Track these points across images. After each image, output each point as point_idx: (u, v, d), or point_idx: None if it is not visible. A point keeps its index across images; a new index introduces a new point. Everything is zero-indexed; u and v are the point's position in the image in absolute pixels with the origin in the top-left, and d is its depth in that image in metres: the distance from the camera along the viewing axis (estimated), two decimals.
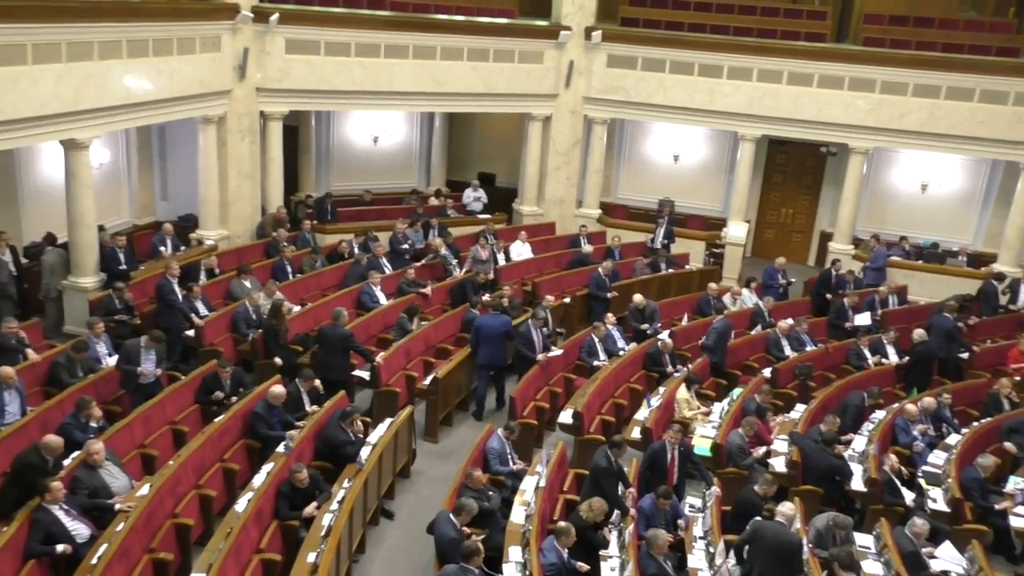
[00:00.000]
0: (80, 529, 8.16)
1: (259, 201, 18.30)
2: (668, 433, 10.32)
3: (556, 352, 13.34)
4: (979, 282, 18.13)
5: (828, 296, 17.11)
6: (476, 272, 16.45)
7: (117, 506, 8.66)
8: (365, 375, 12.65)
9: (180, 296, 13.39)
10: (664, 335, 14.62)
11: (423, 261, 17.07)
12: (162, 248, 15.78)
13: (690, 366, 13.80)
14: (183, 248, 16.29)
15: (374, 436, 10.66)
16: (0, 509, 8.29)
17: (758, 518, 9.21)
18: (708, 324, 14.90)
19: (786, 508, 9.00)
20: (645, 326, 15.18)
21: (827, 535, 9.38)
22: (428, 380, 12.66)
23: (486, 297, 15.38)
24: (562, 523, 8.82)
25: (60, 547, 7.90)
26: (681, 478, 10.39)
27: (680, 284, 18.18)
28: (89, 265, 14.35)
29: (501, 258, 18.14)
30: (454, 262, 17.41)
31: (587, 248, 18.74)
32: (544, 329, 13.56)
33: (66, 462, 9.05)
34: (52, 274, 14.28)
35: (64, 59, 12.87)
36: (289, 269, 15.87)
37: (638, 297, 15.51)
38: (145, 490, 8.84)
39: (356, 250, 17.20)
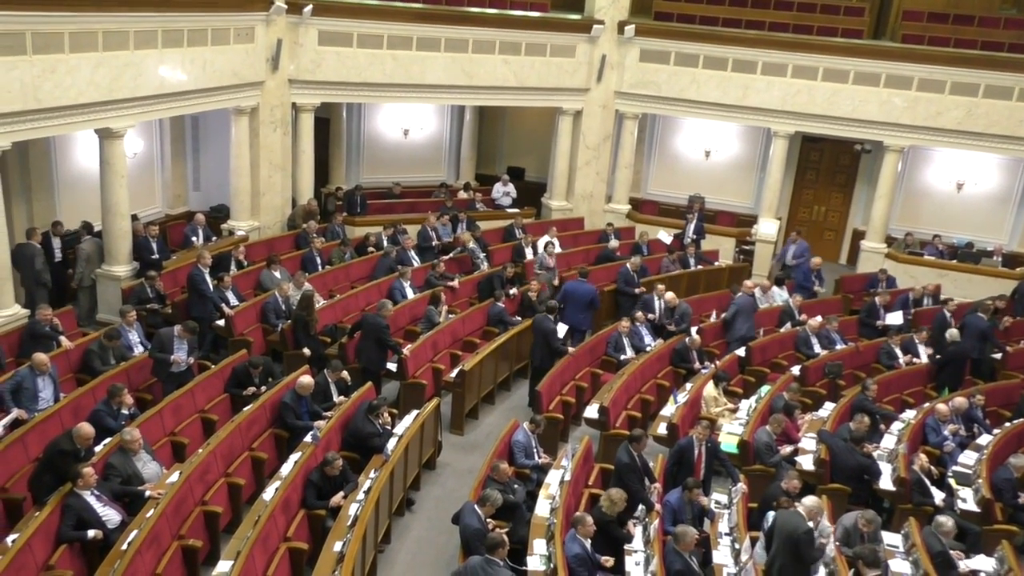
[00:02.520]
0: (111, 515, 8.27)
1: (290, 193, 18.29)
2: (696, 429, 10.33)
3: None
4: (1014, 282, 18.04)
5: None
6: (505, 267, 15.96)
7: (147, 493, 8.72)
8: (392, 367, 12.68)
9: (211, 286, 13.48)
10: (692, 331, 14.57)
11: (451, 255, 17.12)
12: (194, 238, 15.85)
13: (718, 363, 13.83)
14: (214, 238, 16.38)
15: (400, 428, 10.66)
16: (34, 495, 8.47)
17: (771, 513, 9.16)
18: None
19: (809, 501, 8.96)
20: (671, 327, 14.81)
21: (854, 533, 9.32)
22: (455, 373, 12.72)
23: (513, 291, 15.33)
24: (578, 513, 8.85)
25: (91, 532, 7.99)
26: (708, 474, 10.37)
27: (709, 281, 18.04)
28: (122, 254, 14.40)
29: (529, 252, 18.01)
30: (482, 256, 17.40)
31: (614, 243, 18.50)
32: None
33: (97, 448, 9.14)
34: (88, 263, 14.31)
35: (100, 48, 12.92)
36: (319, 260, 15.93)
37: (670, 295, 15.20)
38: (175, 477, 8.90)
39: (385, 243, 17.23)
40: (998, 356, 15.20)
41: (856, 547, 8.97)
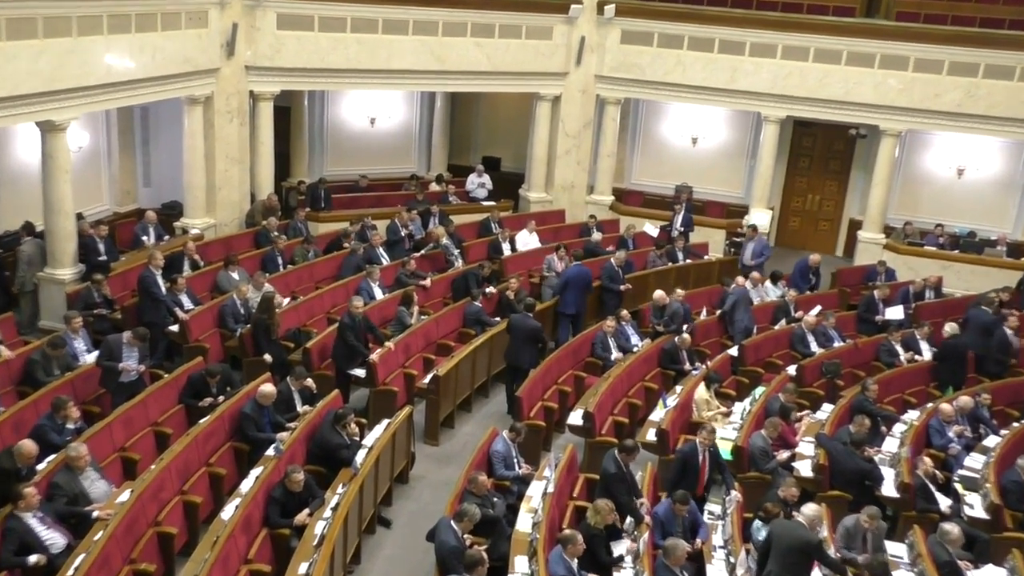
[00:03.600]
0: (55, 538, 8.09)
1: (248, 187, 18.05)
2: (701, 434, 10.31)
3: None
4: (1019, 273, 17.78)
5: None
6: (481, 265, 16.05)
7: (95, 514, 8.53)
8: (360, 373, 12.53)
9: (164, 289, 13.24)
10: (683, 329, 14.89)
11: (423, 251, 16.99)
12: (144, 237, 15.58)
13: (709, 363, 13.66)
14: (167, 237, 16.07)
15: (370, 438, 10.54)
16: None
17: (757, 522, 9.24)
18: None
19: (808, 509, 8.91)
20: (660, 327, 14.64)
21: (856, 534, 9.29)
22: (428, 378, 12.58)
23: (490, 289, 15.31)
24: (568, 531, 8.70)
25: (34, 558, 7.79)
26: (708, 482, 10.30)
27: (699, 275, 17.94)
28: (67, 255, 14.13)
29: (507, 248, 17.88)
30: (456, 252, 17.23)
31: (597, 236, 18.42)
32: None
33: (40, 466, 8.89)
34: (29, 266, 14.06)
35: (40, 35, 12.70)
36: (280, 260, 15.71)
37: (659, 293, 15.13)
38: (126, 496, 8.69)
39: (352, 239, 17.08)
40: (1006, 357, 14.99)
41: (862, 557, 8.91)
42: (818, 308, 15.68)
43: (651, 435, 11.52)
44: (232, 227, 17.78)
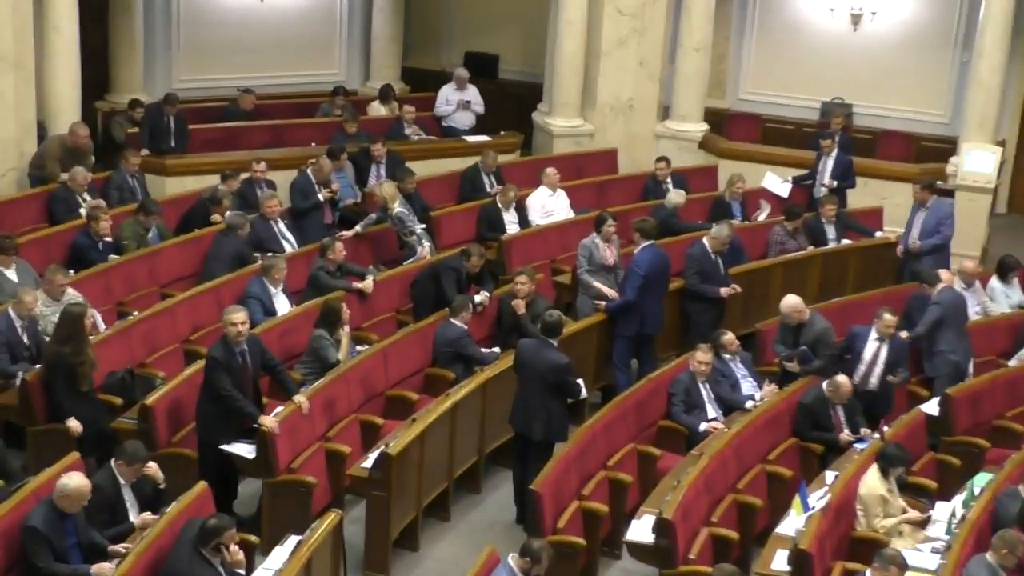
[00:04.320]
0: None
1: (33, 112, 17.50)
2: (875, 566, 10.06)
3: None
4: None
5: None
6: (466, 252, 15.54)
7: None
8: (244, 450, 11.86)
9: None
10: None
11: (358, 227, 16.47)
12: None
13: (886, 429, 12.80)
14: None
15: (265, 572, 10.27)
16: None
17: None
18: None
19: None
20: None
21: None
22: (371, 460, 11.90)
23: (481, 297, 14.94)
24: None
25: None
26: None
27: (866, 267, 17.47)
28: None
29: (511, 219, 17.21)
30: (419, 230, 16.24)
31: (675, 198, 17.58)
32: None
33: None
34: None
35: None
36: (97, 245, 15.18)
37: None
38: None
39: (227, 207, 16.31)
40: None
41: None
42: None
43: (780, 562, 10.97)
44: (4, 185, 17.16)
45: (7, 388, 12.59)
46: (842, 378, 13.19)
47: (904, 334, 14.82)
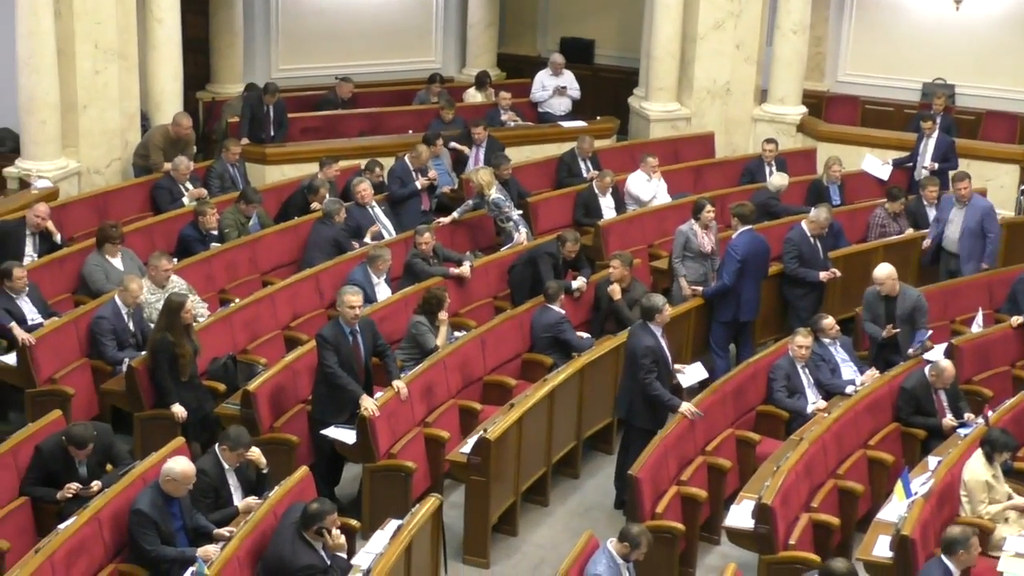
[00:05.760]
0: None
1: (137, 103, 17.91)
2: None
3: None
4: None
5: None
6: (561, 238, 15.52)
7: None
8: (345, 435, 11.98)
9: None
10: (937, 353, 13.52)
11: (455, 213, 16.63)
12: None
13: (991, 413, 12.57)
14: None
15: (366, 556, 10.30)
16: None
17: None
18: None
19: None
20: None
21: None
22: (469, 445, 12.04)
23: (578, 282, 15.04)
24: None
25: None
26: None
27: None
28: None
29: (607, 204, 17.29)
30: (515, 216, 16.28)
31: (778, 181, 17.53)
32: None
33: None
34: None
35: None
36: (203, 239, 15.31)
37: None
38: None
39: (324, 194, 16.50)
40: None
41: None
42: None
43: (882, 549, 10.94)
44: (109, 175, 17.53)
45: (114, 375, 12.75)
46: (946, 362, 12.92)
47: (1016, 320, 14.94)
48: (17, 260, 13.80)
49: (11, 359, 12.97)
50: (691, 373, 13.56)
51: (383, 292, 14.36)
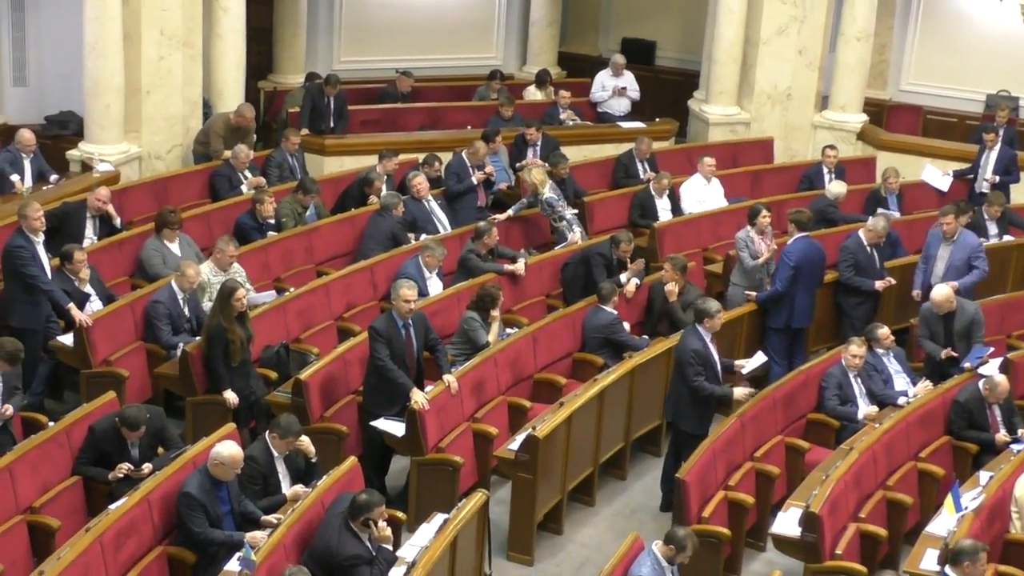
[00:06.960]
0: None
1: (199, 91, 17.98)
2: None
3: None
4: None
5: None
6: (615, 239, 15.44)
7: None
8: (394, 428, 12.08)
9: (48, 269, 13.13)
10: (992, 368, 13.33)
11: (510, 211, 16.63)
12: (15, 177, 15.77)
13: None
14: (55, 178, 16.36)
15: (412, 548, 10.35)
16: None
17: None
18: None
19: None
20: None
21: None
22: (518, 442, 12.09)
23: (632, 284, 15.03)
24: None
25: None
26: None
27: None
28: None
29: (664, 206, 17.22)
30: (570, 215, 16.31)
31: (837, 189, 17.41)
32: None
33: None
34: None
35: None
36: (260, 228, 15.46)
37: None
38: None
39: (382, 188, 16.49)
40: None
41: None
42: None
43: (929, 562, 10.82)
44: (169, 160, 17.67)
45: (168, 359, 12.88)
46: (1000, 377, 12.74)
47: None
48: (77, 242, 13.85)
49: (68, 340, 12.94)
50: (752, 362, 13.76)
51: (434, 286, 14.42)
